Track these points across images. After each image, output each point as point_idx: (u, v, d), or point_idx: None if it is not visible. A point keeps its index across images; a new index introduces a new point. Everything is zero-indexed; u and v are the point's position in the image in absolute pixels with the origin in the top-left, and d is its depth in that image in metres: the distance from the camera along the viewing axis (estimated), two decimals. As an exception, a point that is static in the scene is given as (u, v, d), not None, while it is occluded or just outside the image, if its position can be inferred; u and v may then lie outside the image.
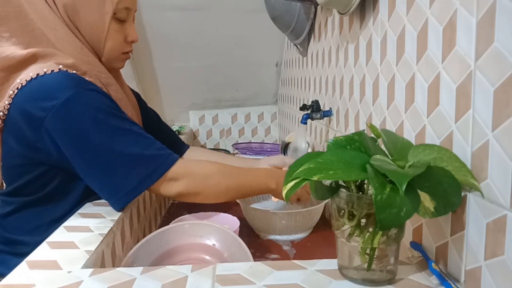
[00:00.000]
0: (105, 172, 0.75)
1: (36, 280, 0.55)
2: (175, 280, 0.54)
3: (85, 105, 0.74)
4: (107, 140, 0.74)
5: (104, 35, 0.82)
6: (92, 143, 0.74)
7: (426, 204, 0.47)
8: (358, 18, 0.87)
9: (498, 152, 0.44)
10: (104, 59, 0.85)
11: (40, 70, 0.74)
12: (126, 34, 0.87)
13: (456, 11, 0.51)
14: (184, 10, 1.69)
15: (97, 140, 0.74)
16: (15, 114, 0.76)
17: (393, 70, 0.71)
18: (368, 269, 0.51)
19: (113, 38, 0.84)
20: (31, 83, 0.74)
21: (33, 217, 0.82)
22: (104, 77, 0.83)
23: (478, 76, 0.47)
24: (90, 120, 0.74)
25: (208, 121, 2.15)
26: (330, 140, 0.54)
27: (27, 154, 0.78)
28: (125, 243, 0.78)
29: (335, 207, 0.53)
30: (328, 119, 1.13)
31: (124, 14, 0.84)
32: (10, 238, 0.83)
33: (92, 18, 0.81)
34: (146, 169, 0.76)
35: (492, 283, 0.46)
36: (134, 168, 0.75)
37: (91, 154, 0.74)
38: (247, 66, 1.94)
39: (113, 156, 0.74)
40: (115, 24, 0.83)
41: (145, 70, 1.91)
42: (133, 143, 0.76)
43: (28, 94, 0.74)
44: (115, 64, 0.88)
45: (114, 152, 0.74)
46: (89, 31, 0.82)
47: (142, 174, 0.75)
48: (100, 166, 0.75)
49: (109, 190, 0.76)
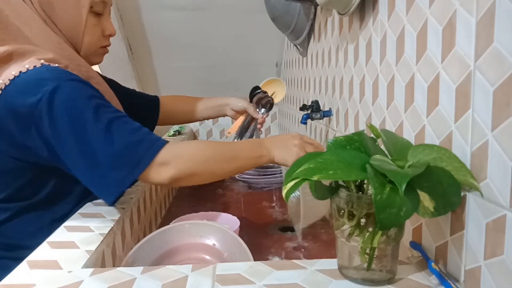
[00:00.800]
0: (93, 164, 0.72)
1: (36, 280, 0.55)
2: (175, 280, 0.54)
3: (68, 96, 0.72)
4: (91, 130, 0.72)
5: (82, 29, 0.81)
6: (77, 135, 0.72)
7: (426, 204, 0.47)
8: (357, 18, 0.87)
9: (497, 152, 0.44)
10: (83, 54, 0.84)
11: (22, 67, 0.73)
12: (103, 28, 0.86)
13: (456, 11, 0.51)
14: (184, 10, 1.69)
15: (81, 131, 0.72)
16: (1, 116, 0.73)
17: (392, 70, 0.71)
18: (368, 269, 0.51)
19: (91, 32, 0.83)
20: (15, 81, 0.72)
21: (33, 220, 0.81)
22: (85, 71, 0.82)
23: (477, 76, 0.48)
24: (74, 111, 0.72)
25: (208, 121, 2.15)
26: (330, 140, 0.54)
27: (19, 156, 0.77)
28: (125, 243, 0.78)
29: (335, 207, 0.53)
30: (328, 119, 1.14)
31: (100, 7, 0.83)
32: (11, 243, 0.81)
33: (69, 12, 0.80)
34: (133, 156, 0.73)
35: (492, 283, 0.46)
36: (121, 157, 0.72)
37: (77, 146, 0.72)
38: (247, 66, 1.94)
39: (99, 146, 0.72)
40: (92, 18, 0.82)
41: (145, 70, 1.91)
42: (119, 130, 0.74)
43: (13, 93, 0.72)
44: (93, 59, 0.87)
45: (100, 141, 0.72)
46: (66, 25, 0.81)
47: (131, 161, 0.72)
48: (87, 158, 0.72)
49: (99, 183, 0.73)
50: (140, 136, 0.74)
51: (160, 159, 0.74)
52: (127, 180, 0.73)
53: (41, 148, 0.74)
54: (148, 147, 0.74)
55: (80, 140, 0.72)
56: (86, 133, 0.72)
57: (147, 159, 0.73)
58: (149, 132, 0.77)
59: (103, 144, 0.72)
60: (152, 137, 0.76)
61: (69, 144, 0.72)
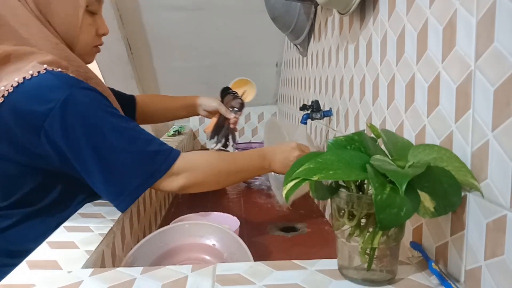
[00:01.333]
0: (109, 173, 0.74)
1: (36, 280, 0.55)
2: (175, 280, 0.54)
3: (82, 106, 0.73)
4: (108, 139, 0.73)
5: (78, 29, 0.81)
6: (93, 144, 0.73)
7: (426, 204, 0.47)
8: (358, 18, 0.87)
9: (498, 152, 0.44)
10: (77, 53, 0.83)
11: (26, 73, 0.72)
12: (97, 27, 0.86)
13: (456, 11, 0.51)
14: (184, 10, 1.69)
15: (98, 140, 0.73)
16: (7, 123, 0.73)
17: (393, 70, 0.71)
18: (368, 269, 0.51)
19: (86, 31, 0.83)
20: (19, 89, 0.71)
21: (38, 226, 0.80)
22: (83, 72, 0.82)
23: (478, 76, 0.47)
24: (89, 120, 0.73)
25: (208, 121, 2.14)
26: (330, 140, 0.54)
27: (26, 162, 0.76)
28: (125, 243, 0.78)
29: (335, 207, 0.53)
30: (328, 119, 1.13)
31: (96, 6, 0.83)
32: (16, 250, 0.79)
33: (65, 12, 0.79)
34: (150, 166, 0.76)
35: (492, 283, 0.46)
36: (138, 166, 0.75)
37: (93, 155, 0.73)
38: (247, 66, 1.94)
39: (116, 155, 0.73)
40: (87, 17, 0.82)
41: (145, 70, 1.91)
42: (134, 140, 0.76)
43: (20, 101, 0.71)
44: (87, 58, 0.87)
45: (117, 151, 0.73)
46: (63, 25, 0.80)
47: (147, 171, 0.76)
48: (103, 166, 0.74)
49: (114, 191, 0.75)
50: (156, 147, 0.78)
51: (174, 170, 0.78)
52: (141, 189, 0.76)
53: (52, 156, 0.74)
54: (164, 158, 0.78)
55: (97, 149, 0.73)
56: (103, 142, 0.73)
57: (163, 170, 0.77)
58: (162, 143, 0.80)
59: (121, 153, 0.74)
60: (167, 148, 0.80)
61: (85, 153, 0.73)
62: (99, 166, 0.74)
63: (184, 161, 0.79)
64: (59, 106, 0.71)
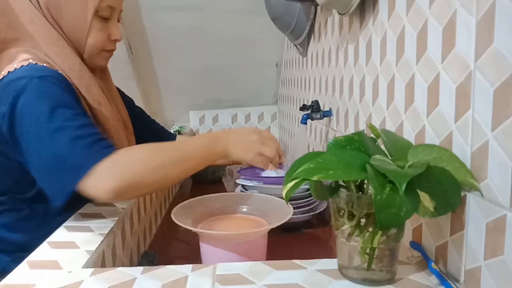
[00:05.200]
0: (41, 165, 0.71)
1: (36, 280, 0.55)
2: (175, 280, 0.54)
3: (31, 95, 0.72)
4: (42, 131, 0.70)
5: (86, 32, 0.82)
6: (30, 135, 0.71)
7: (426, 204, 0.47)
8: (358, 18, 0.87)
9: (497, 152, 0.44)
10: (86, 56, 0.85)
11: (11, 67, 0.75)
12: (109, 33, 0.86)
13: (456, 11, 0.51)
14: (184, 11, 1.69)
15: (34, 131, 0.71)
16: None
17: (392, 70, 0.71)
18: (368, 269, 0.51)
19: (95, 35, 0.84)
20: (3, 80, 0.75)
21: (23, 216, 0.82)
22: (78, 70, 0.81)
23: (477, 76, 0.48)
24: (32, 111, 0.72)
25: (208, 121, 2.15)
26: (330, 140, 0.54)
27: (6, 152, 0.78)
28: (125, 243, 0.78)
29: (335, 207, 0.53)
30: (328, 119, 1.14)
31: (107, 12, 0.84)
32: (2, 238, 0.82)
33: (75, 15, 0.81)
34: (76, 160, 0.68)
35: (492, 283, 0.46)
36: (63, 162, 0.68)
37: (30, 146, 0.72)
38: (247, 67, 1.94)
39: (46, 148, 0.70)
40: (97, 22, 0.83)
41: (145, 70, 1.91)
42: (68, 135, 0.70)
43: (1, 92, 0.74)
44: (97, 61, 0.88)
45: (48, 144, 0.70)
46: (71, 27, 0.82)
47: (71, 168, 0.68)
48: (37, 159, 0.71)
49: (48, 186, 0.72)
50: (86, 143, 0.69)
51: (98, 170, 0.66)
52: (67, 187, 0.68)
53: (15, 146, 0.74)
54: (88, 155, 0.68)
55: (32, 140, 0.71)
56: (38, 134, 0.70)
57: (84, 168, 0.66)
58: (99, 140, 0.71)
59: (50, 146, 0.69)
60: (98, 145, 0.70)
61: (26, 144, 0.72)
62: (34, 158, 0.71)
63: (112, 159, 0.68)
64: (16, 94, 0.72)
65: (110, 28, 0.86)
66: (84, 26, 0.82)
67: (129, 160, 0.70)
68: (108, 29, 0.86)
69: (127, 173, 0.67)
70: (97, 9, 0.82)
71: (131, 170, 0.68)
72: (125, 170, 0.68)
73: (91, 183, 0.66)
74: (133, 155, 0.71)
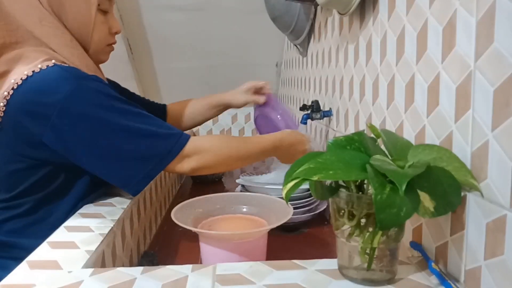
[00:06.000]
0: (118, 158, 0.75)
1: (36, 280, 0.55)
2: (175, 280, 0.54)
3: (90, 96, 0.74)
4: (117, 125, 0.75)
5: (91, 27, 0.82)
6: (102, 131, 0.74)
7: (426, 204, 0.47)
8: (358, 18, 0.87)
9: (497, 152, 0.44)
10: (92, 51, 0.85)
11: (35, 67, 0.73)
12: (110, 26, 0.87)
13: (456, 11, 0.51)
14: (184, 11, 1.69)
15: (107, 127, 0.74)
16: (16, 116, 0.74)
17: (393, 70, 0.71)
18: (368, 269, 0.51)
19: (99, 30, 0.84)
20: (27, 81, 0.73)
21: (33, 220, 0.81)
22: (93, 71, 0.82)
23: (478, 76, 0.48)
24: (96, 110, 0.73)
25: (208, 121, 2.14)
26: (330, 140, 0.54)
27: (32, 155, 0.77)
28: (125, 243, 0.78)
29: (335, 207, 0.53)
30: (328, 119, 1.14)
31: (107, 4, 0.84)
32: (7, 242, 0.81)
33: (79, 10, 0.80)
34: (161, 150, 0.78)
35: (492, 283, 0.46)
36: (149, 150, 0.77)
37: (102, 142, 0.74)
38: (247, 67, 1.94)
39: (125, 140, 0.75)
40: (100, 16, 0.83)
41: (145, 70, 1.91)
42: (146, 125, 0.77)
43: (29, 92, 0.73)
44: (101, 56, 0.88)
45: (127, 136, 0.75)
46: (76, 23, 0.81)
47: (159, 155, 0.77)
48: (112, 152, 0.75)
49: (125, 175, 0.77)
50: (166, 130, 0.80)
51: (185, 152, 0.80)
52: (154, 171, 0.78)
53: (58, 148, 0.75)
54: (175, 141, 0.79)
55: (106, 136, 0.74)
56: (112, 128, 0.74)
57: (175, 152, 0.79)
58: (172, 127, 0.82)
59: (131, 137, 0.75)
60: (177, 131, 0.81)
61: (93, 142, 0.74)
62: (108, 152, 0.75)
63: (195, 144, 0.81)
64: (66, 97, 0.71)
65: (109, 21, 0.86)
66: (89, 21, 0.81)
67: (208, 147, 0.83)
68: (108, 22, 0.86)
69: (205, 158, 0.82)
70: (99, 2, 0.81)
71: (209, 156, 0.83)
72: (204, 155, 0.82)
73: (177, 163, 0.80)
74: (211, 144, 0.84)
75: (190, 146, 0.80)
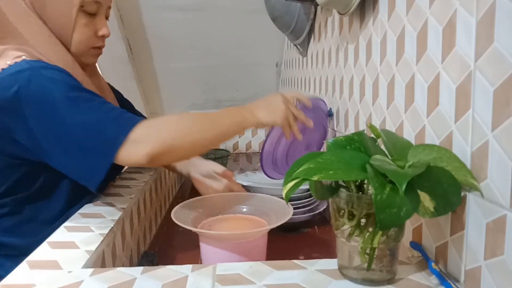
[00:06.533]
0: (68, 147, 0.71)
1: (36, 280, 0.55)
2: (175, 280, 0.54)
3: (44, 82, 0.72)
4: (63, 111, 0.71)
5: (71, 27, 0.81)
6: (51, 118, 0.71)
7: (426, 204, 0.47)
8: (358, 18, 0.87)
9: (497, 152, 0.44)
10: (73, 52, 0.83)
11: (4, 64, 0.74)
12: (96, 29, 0.84)
13: (456, 11, 0.51)
14: (184, 11, 1.69)
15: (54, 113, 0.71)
16: None
17: (393, 70, 0.71)
18: (368, 269, 0.51)
19: (81, 31, 0.82)
20: None
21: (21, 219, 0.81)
22: (71, 67, 0.81)
23: (478, 76, 0.48)
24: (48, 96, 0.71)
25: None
26: (330, 140, 0.54)
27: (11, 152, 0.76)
28: (125, 243, 0.78)
29: (335, 207, 0.53)
30: (328, 119, 1.13)
31: (93, 7, 0.82)
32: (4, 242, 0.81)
33: (59, 10, 0.79)
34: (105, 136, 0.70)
35: (492, 283, 0.46)
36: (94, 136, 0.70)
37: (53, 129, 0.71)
38: (247, 67, 1.94)
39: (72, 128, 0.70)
40: (83, 17, 0.81)
41: (145, 70, 1.91)
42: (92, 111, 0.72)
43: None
44: (85, 59, 0.86)
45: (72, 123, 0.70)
46: (56, 23, 0.80)
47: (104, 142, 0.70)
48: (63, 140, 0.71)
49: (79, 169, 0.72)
50: (113, 115, 0.72)
51: (133, 136, 0.69)
52: (104, 163, 0.70)
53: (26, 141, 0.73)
54: (121, 124, 0.70)
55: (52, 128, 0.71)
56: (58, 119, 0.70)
57: (121, 136, 0.69)
58: (124, 111, 0.74)
59: (76, 124, 0.70)
60: (126, 116, 0.73)
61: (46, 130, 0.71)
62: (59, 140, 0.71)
63: (146, 125, 0.71)
64: (23, 86, 0.70)
65: (97, 24, 0.84)
66: (69, 22, 0.80)
67: (162, 124, 0.73)
68: (95, 25, 0.84)
69: (162, 136, 0.71)
70: (82, 3, 0.80)
71: (166, 134, 0.71)
72: (160, 134, 0.71)
73: (127, 150, 0.69)
74: (165, 120, 0.74)
75: (141, 128, 0.70)
